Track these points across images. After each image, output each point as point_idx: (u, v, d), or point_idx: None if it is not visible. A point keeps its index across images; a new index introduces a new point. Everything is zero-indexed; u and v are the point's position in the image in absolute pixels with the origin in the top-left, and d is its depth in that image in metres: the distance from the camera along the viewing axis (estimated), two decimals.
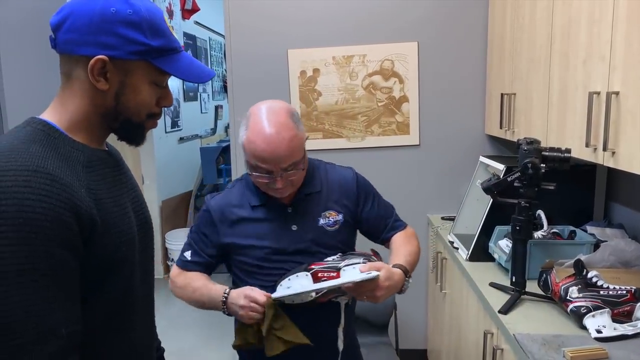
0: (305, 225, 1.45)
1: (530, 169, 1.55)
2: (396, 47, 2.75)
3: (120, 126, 0.94)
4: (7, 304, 0.76)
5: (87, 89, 0.89)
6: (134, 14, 0.87)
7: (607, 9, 1.41)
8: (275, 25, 2.77)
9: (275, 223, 1.44)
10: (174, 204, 4.85)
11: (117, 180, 0.98)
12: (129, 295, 0.96)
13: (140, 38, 0.88)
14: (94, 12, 0.86)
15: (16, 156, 0.81)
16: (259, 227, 1.44)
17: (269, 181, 1.35)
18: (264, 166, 1.33)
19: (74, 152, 0.88)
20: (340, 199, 1.50)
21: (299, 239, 1.43)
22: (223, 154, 4.55)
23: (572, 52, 1.64)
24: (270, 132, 1.30)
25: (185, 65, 0.94)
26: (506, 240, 1.92)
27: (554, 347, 1.35)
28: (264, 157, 1.31)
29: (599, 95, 1.45)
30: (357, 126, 2.82)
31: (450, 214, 2.69)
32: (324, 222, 1.46)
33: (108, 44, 0.86)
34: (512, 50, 2.25)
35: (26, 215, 0.77)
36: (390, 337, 2.45)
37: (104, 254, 0.88)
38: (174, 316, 3.79)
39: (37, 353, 0.78)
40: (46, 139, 0.86)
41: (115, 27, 0.86)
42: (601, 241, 1.81)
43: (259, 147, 1.31)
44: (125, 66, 0.89)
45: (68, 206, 0.81)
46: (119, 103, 0.91)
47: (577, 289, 1.49)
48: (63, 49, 0.88)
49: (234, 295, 1.37)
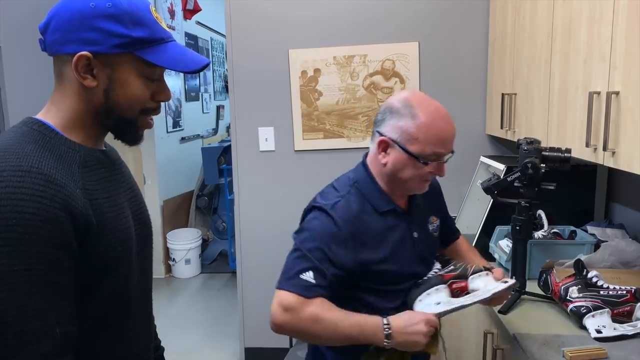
0: (422, 232, 1.37)
1: (530, 169, 1.54)
2: (397, 47, 2.75)
3: (114, 124, 0.93)
4: (1, 304, 0.76)
5: (77, 88, 0.89)
6: (113, 7, 0.86)
7: (608, 8, 1.41)
8: (276, 25, 2.77)
9: (401, 231, 1.31)
10: (176, 204, 4.85)
11: (114, 180, 0.97)
12: (125, 296, 0.96)
13: (121, 30, 0.86)
14: (74, 10, 0.85)
15: (10, 156, 0.81)
16: (391, 235, 1.29)
17: (434, 171, 1.27)
18: (442, 151, 1.25)
19: (70, 152, 0.88)
20: (433, 202, 1.44)
21: (422, 247, 1.35)
22: (224, 154, 4.55)
23: (572, 51, 1.64)
24: (444, 112, 1.26)
25: (174, 55, 0.91)
26: (506, 240, 1.92)
27: (553, 347, 1.35)
28: (448, 139, 1.25)
29: (599, 95, 1.44)
30: (358, 126, 2.82)
31: (450, 214, 2.68)
32: (432, 228, 1.40)
33: (90, 40, 0.85)
34: (513, 50, 2.25)
35: (20, 216, 0.77)
36: None
37: (99, 254, 0.88)
38: (175, 316, 3.79)
39: (31, 353, 0.78)
40: (41, 139, 0.86)
41: (94, 21, 0.85)
42: (602, 241, 1.81)
43: (444, 128, 1.24)
44: (110, 61, 0.87)
45: (62, 206, 0.81)
46: (109, 99, 0.90)
47: (577, 289, 1.49)
48: (51, 50, 0.89)
49: (402, 324, 1.19)
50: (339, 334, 1.19)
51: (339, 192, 1.30)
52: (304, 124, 2.81)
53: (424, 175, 1.28)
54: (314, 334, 1.20)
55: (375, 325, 1.19)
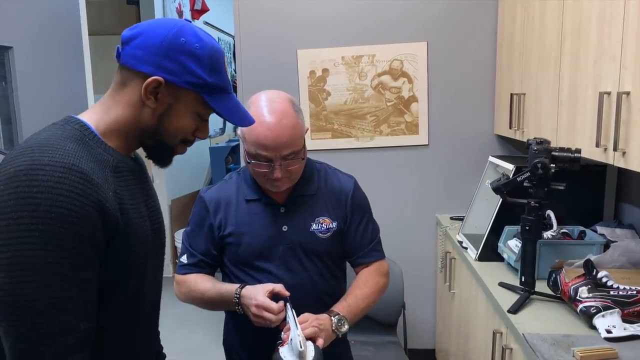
0: (296, 228, 1.43)
1: (540, 169, 1.55)
2: (405, 47, 2.75)
3: (153, 144, 0.98)
4: (34, 294, 0.79)
5: (135, 103, 0.93)
6: (200, 49, 0.92)
7: (618, 8, 1.41)
8: (285, 26, 2.78)
9: (267, 221, 1.43)
10: (183, 203, 4.87)
11: (140, 188, 1.01)
12: (137, 302, 0.98)
13: (199, 71, 0.92)
14: (165, 37, 0.90)
15: (53, 152, 0.83)
16: (251, 222, 1.43)
17: (267, 171, 1.33)
18: (264, 154, 1.31)
19: (105, 155, 0.92)
20: (334, 206, 1.47)
21: (287, 241, 1.42)
22: (232, 154, 4.57)
23: (582, 51, 1.64)
24: (271, 119, 1.30)
25: (231, 107, 0.99)
26: (515, 240, 1.92)
27: (563, 347, 1.35)
28: (265, 144, 1.30)
29: (609, 95, 1.44)
30: (366, 126, 2.82)
31: (459, 214, 2.69)
32: (316, 227, 1.44)
33: (168, 69, 0.90)
34: (522, 50, 2.24)
35: (59, 211, 0.79)
36: (399, 336, 2.45)
37: (121, 256, 0.91)
38: (182, 314, 3.80)
39: (58, 344, 0.81)
40: (80, 139, 0.89)
41: (179, 55, 0.90)
42: (611, 241, 1.80)
43: (261, 133, 1.29)
44: (177, 92, 0.93)
45: (97, 206, 0.84)
46: (161, 123, 0.95)
47: (587, 289, 1.49)
48: (126, 61, 0.92)
49: (245, 294, 1.33)
50: (207, 302, 1.43)
51: (226, 177, 1.52)
52: (312, 123, 2.82)
53: (259, 175, 1.37)
54: (197, 303, 1.46)
55: (230, 294, 1.36)
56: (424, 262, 2.88)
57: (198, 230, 1.47)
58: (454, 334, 2.47)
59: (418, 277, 2.85)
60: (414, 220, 2.87)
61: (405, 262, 2.53)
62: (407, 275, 2.45)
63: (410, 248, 2.84)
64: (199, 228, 1.47)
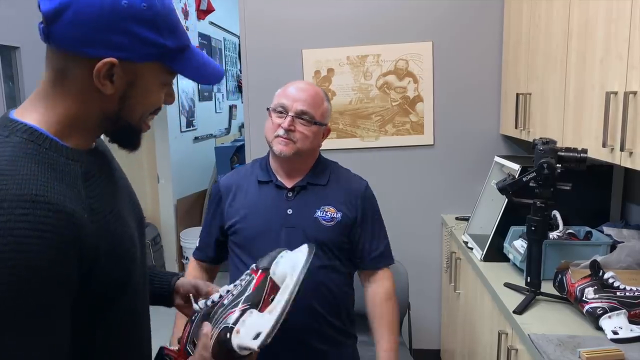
0: (300, 213, 1.46)
1: (546, 169, 1.54)
2: (411, 46, 2.74)
3: (118, 129, 0.83)
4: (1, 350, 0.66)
5: (85, 91, 0.76)
6: (149, 9, 0.75)
7: (625, 7, 1.40)
8: (290, 25, 2.79)
9: (273, 203, 1.48)
10: (189, 203, 4.89)
11: (112, 182, 0.87)
12: (134, 312, 0.90)
13: (155, 38, 0.76)
14: (103, 5, 0.72)
15: (8, 182, 0.67)
16: (257, 203, 1.49)
17: (280, 120, 1.43)
18: (284, 102, 1.44)
19: (70, 164, 0.76)
20: (344, 201, 1.49)
21: (290, 224, 1.45)
22: (237, 154, 4.58)
23: (589, 51, 1.63)
24: (302, 83, 1.53)
25: (198, 64, 0.83)
26: (521, 240, 1.91)
27: (569, 348, 1.35)
28: (287, 93, 1.46)
29: (616, 95, 1.43)
30: (371, 126, 2.82)
31: (464, 214, 2.68)
32: (320, 214, 1.46)
33: (118, 44, 0.73)
34: (528, 50, 2.23)
35: (23, 256, 0.65)
36: (404, 337, 2.45)
37: (108, 277, 0.78)
38: None
39: None
40: (37, 153, 0.72)
41: (127, 24, 0.73)
42: (618, 242, 1.79)
43: (289, 87, 1.48)
44: (135, 69, 0.77)
45: (71, 239, 0.70)
46: (124, 106, 0.79)
47: (593, 289, 1.48)
48: (62, 44, 0.74)
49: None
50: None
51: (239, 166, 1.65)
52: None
53: (273, 127, 1.46)
54: None
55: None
56: (429, 262, 2.88)
57: (212, 216, 1.58)
58: (459, 335, 2.46)
59: (423, 277, 2.84)
60: (419, 220, 2.87)
61: (411, 263, 2.52)
62: (412, 275, 2.45)
63: (415, 248, 2.84)
64: (212, 213, 1.58)
